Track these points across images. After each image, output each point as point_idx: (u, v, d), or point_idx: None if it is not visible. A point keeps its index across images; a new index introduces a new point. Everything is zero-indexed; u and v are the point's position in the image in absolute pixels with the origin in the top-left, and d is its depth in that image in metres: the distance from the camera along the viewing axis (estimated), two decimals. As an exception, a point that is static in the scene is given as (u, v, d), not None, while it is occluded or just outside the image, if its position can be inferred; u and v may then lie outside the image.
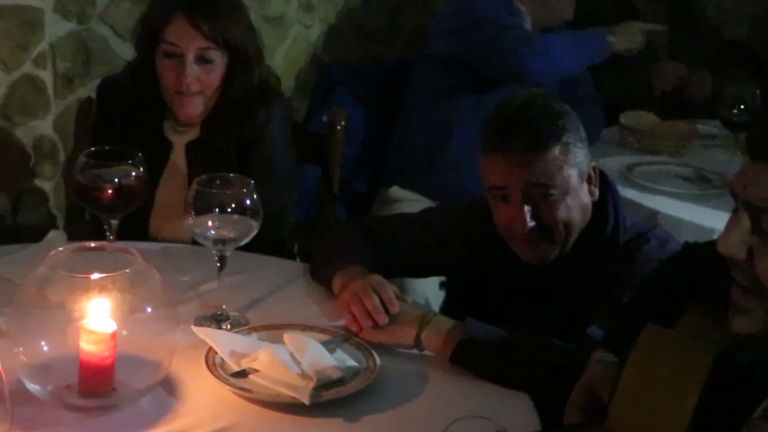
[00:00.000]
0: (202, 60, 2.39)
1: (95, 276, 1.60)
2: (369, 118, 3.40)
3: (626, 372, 1.39)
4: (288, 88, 3.67)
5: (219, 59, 2.41)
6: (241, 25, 2.45)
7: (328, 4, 3.77)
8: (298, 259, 2.73)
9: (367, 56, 3.95)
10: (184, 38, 2.37)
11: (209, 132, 2.48)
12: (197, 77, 2.39)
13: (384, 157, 3.38)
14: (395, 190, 3.28)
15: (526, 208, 1.92)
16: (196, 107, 2.44)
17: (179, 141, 2.53)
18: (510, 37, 3.07)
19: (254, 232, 1.93)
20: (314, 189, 2.93)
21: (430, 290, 2.83)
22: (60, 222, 3.15)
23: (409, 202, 3.22)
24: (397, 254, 2.17)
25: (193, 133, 2.51)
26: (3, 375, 1.33)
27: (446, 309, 2.33)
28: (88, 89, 3.11)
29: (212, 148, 2.48)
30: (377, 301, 1.89)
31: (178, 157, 2.52)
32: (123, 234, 2.11)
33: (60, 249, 1.68)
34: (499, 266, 2.06)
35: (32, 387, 1.62)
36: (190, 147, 2.50)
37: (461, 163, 3.07)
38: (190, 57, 2.37)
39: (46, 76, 3.04)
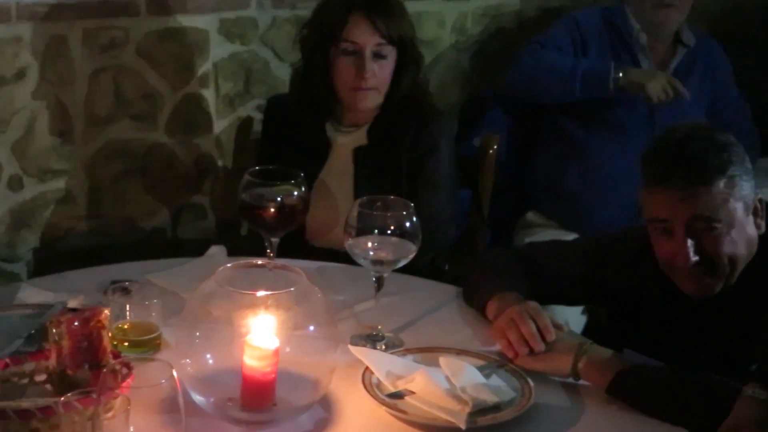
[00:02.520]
0: (378, 56, 2.53)
1: (261, 293, 1.64)
2: (513, 143, 3.39)
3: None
4: (440, 111, 3.69)
5: (391, 55, 2.55)
6: (407, 23, 2.60)
7: (481, 27, 3.76)
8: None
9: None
10: (363, 36, 2.52)
11: (376, 138, 2.60)
12: (374, 72, 2.53)
13: (523, 182, 3.37)
14: (531, 215, 3.28)
15: (690, 242, 1.87)
16: (372, 101, 2.59)
17: (343, 142, 2.63)
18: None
19: (412, 255, 1.95)
20: (462, 213, 2.95)
21: (571, 315, 2.80)
22: (217, 237, 3.24)
23: (543, 228, 3.23)
24: (552, 281, 2.15)
25: (360, 138, 2.62)
26: (179, 387, 1.38)
27: (591, 336, 2.29)
28: (247, 109, 3.21)
29: (381, 155, 2.58)
30: (534, 327, 1.88)
31: (342, 159, 2.63)
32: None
33: (228, 266, 1.72)
34: (659, 298, 2.02)
35: (197, 398, 1.66)
36: (358, 152, 2.61)
37: (581, 192, 3.15)
38: (369, 53, 2.52)
39: (209, 95, 3.15)
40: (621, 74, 3.07)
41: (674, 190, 1.87)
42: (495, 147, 2.91)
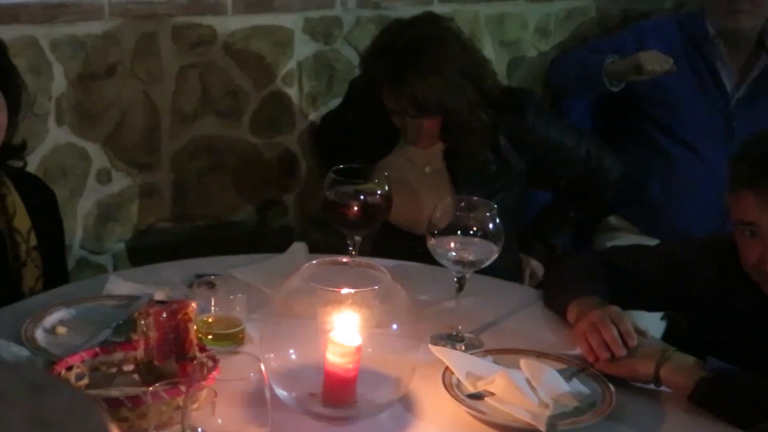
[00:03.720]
0: (420, 116, 2.53)
1: (345, 290, 1.66)
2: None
3: None
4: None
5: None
6: (442, 87, 2.48)
7: (564, 29, 3.75)
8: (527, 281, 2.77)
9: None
10: (398, 106, 2.52)
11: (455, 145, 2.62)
12: (420, 127, 2.55)
13: None
14: (613, 219, 3.25)
15: (777, 247, 1.85)
16: (431, 142, 2.62)
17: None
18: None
19: (495, 256, 1.95)
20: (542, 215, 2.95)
21: (650, 321, 2.78)
22: (297, 234, 3.28)
23: (625, 232, 3.20)
24: (635, 286, 2.14)
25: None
26: (266, 380, 1.40)
27: (670, 343, 2.27)
28: (330, 107, 3.23)
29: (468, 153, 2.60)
30: (616, 332, 1.87)
31: (427, 157, 2.66)
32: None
33: (312, 263, 1.74)
34: (744, 304, 1.99)
35: (279, 392, 1.68)
36: (447, 153, 2.63)
37: (664, 198, 3.13)
38: (409, 118, 2.53)
39: (292, 93, 3.18)
40: (612, 60, 3.11)
41: (763, 193, 1.84)
42: (577, 149, 2.91)
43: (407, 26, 2.53)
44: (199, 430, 1.41)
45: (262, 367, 1.43)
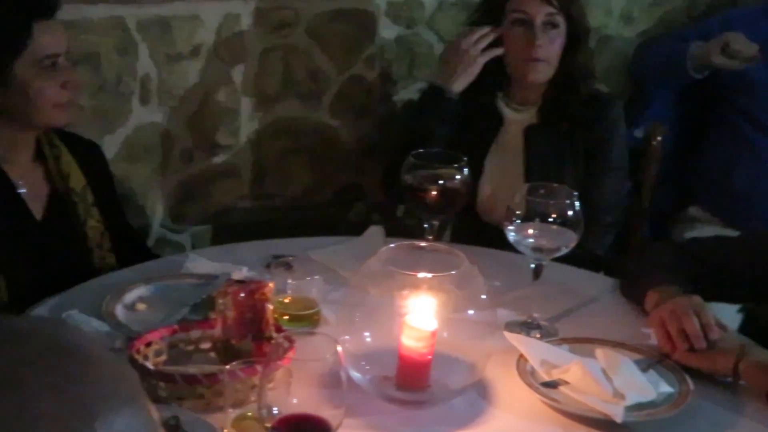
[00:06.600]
0: (549, 25, 2.52)
1: (422, 274, 1.65)
2: (676, 136, 3.32)
3: None
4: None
5: (562, 26, 2.54)
6: (579, 2, 2.60)
7: (649, 16, 3.69)
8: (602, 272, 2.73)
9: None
10: (534, 6, 2.51)
11: (548, 118, 2.58)
12: (545, 42, 2.52)
13: (686, 176, 3.30)
14: (693, 210, 3.20)
15: None
16: (542, 74, 2.57)
17: (514, 118, 2.63)
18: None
19: (573, 244, 1.93)
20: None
21: (726, 313, 2.72)
22: (373, 218, 3.28)
23: (707, 223, 3.14)
24: (717, 278, 2.10)
25: (530, 117, 2.61)
26: (343, 362, 1.41)
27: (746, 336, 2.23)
28: (410, 92, 3.23)
29: (552, 136, 2.56)
30: (697, 323, 1.83)
31: (513, 136, 2.62)
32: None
33: (391, 246, 1.74)
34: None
35: (354, 375, 1.69)
36: (529, 131, 2.59)
37: (750, 190, 3.07)
38: (539, 22, 2.51)
39: (373, 77, 3.18)
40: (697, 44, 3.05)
41: None
42: (659, 138, 2.86)
43: None
44: (275, 409, 1.42)
45: (339, 348, 1.43)
